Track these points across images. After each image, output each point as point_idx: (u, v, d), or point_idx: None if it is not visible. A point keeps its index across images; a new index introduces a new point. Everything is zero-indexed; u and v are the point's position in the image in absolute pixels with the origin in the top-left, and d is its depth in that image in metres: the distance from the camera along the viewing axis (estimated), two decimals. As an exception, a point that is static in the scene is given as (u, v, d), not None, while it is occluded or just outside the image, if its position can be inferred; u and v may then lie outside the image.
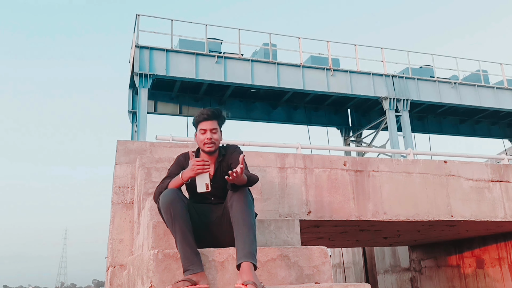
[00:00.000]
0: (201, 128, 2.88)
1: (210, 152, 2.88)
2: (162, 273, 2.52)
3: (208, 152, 2.87)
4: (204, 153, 2.92)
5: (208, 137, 2.85)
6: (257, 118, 14.99)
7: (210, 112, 2.88)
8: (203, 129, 2.87)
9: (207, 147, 2.85)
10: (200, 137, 2.88)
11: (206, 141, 2.85)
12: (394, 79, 14.32)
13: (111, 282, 4.52)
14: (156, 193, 2.82)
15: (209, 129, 2.86)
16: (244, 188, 2.68)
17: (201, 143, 2.87)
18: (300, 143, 6.43)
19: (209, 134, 2.85)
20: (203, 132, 2.87)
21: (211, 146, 2.85)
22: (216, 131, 2.88)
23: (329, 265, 2.89)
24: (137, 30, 12.10)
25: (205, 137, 2.85)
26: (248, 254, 2.46)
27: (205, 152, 2.89)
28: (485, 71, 15.90)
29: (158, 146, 5.28)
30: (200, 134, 2.88)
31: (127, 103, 13.50)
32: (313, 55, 13.91)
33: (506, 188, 6.36)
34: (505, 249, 8.54)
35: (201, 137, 2.87)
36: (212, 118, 2.87)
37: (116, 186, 5.00)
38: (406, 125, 13.84)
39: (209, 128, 2.86)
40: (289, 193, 5.24)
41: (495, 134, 17.82)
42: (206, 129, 2.86)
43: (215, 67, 12.58)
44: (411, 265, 11.10)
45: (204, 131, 2.86)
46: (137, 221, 4.23)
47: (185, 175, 2.70)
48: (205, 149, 2.86)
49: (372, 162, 5.79)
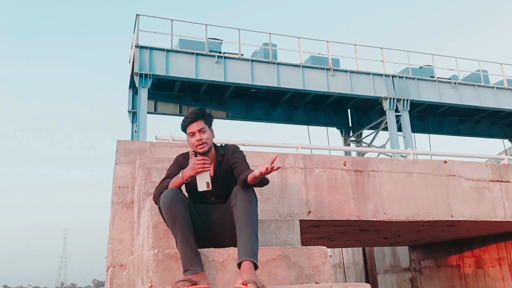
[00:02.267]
0: (189, 132, 2.86)
1: (204, 153, 2.86)
2: (162, 273, 2.52)
3: (203, 153, 2.85)
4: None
5: (197, 138, 2.83)
6: (257, 118, 14.99)
7: (193, 114, 2.86)
8: (191, 132, 2.85)
9: (200, 149, 2.83)
10: (191, 141, 2.86)
11: (197, 143, 2.83)
12: (394, 79, 14.32)
13: (111, 282, 4.52)
14: (156, 193, 2.82)
15: (196, 131, 2.84)
16: (249, 187, 2.68)
17: (193, 146, 2.86)
18: (300, 143, 6.43)
19: (198, 135, 2.83)
20: (192, 135, 2.85)
21: (203, 147, 2.84)
22: (205, 131, 2.86)
23: (329, 265, 2.89)
24: (137, 30, 12.10)
25: (195, 140, 2.84)
26: (250, 253, 2.46)
27: (199, 153, 2.87)
28: (485, 71, 15.91)
29: (158, 146, 5.27)
30: (190, 138, 2.87)
31: (127, 103, 13.50)
32: (313, 55, 13.91)
33: (506, 188, 6.36)
34: (505, 249, 8.54)
35: (191, 140, 2.86)
36: (197, 119, 2.85)
37: (116, 186, 4.99)
38: (406, 125, 13.84)
39: (197, 130, 2.84)
40: (289, 193, 5.24)
41: (495, 134, 17.82)
42: (194, 132, 2.84)
43: (215, 67, 12.58)
44: (411, 265, 11.10)
45: (192, 134, 2.85)
46: (137, 221, 4.23)
47: (186, 174, 2.70)
48: (198, 151, 2.84)
49: (372, 162, 5.78)
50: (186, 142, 5.53)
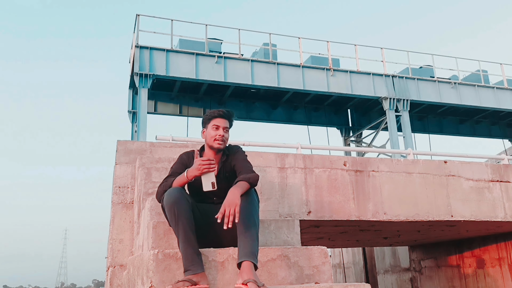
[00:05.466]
0: (214, 124, 2.86)
1: (219, 150, 2.87)
2: (162, 273, 2.52)
3: (217, 149, 2.86)
4: (209, 151, 2.90)
5: (220, 133, 2.84)
6: (257, 118, 14.99)
7: (226, 111, 2.90)
8: (217, 125, 2.86)
9: (217, 144, 2.84)
10: (211, 133, 2.85)
11: (217, 137, 2.83)
12: (394, 79, 14.32)
13: (111, 282, 4.52)
14: (159, 191, 2.80)
15: (222, 127, 2.86)
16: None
17: (211, 138, 2.85)
18: (300, 143, 6.42)
19: (222, 131, 2.85)
20: (216, 128, 2.85)
21: (221, 143, 2.85)
22: (227, 131, 2.89)
23: (329, 265, 2.89)
24: (137, 30, 12.11)
25: (217, 133, 2.84)
26: (249, 253, 2.46)
27: (213, 148, 2.86)
28: (485, 71, 15.91)
29: (158, 146, 5.28)
30: (211, 130, 2.86)
31: (127, 103, 13.51)
32: (313, 55, 13.91)
33: (506, 188, 6.36)
34: (505, 249, 8.54)
35: (212, 132, 2.85)
36: (226, 117, 2.89)
37: (116, 186, 5.00)
38: (406, 125, 13.84)
39: (223, 126, 2.86)
40: (289, 193, 5.24)
41: (495, 134, 17.82)
42: (219, 126, 2.86)
43: (215, 67, 12.58)
44: (411, 265, 11.10)
45: (217, 127, 2.85)
46: (137, 221, 4.23)
47: (191, 174, 2.69)
48: (214, 145, 2.84)
49: (372, 162, 5.78)
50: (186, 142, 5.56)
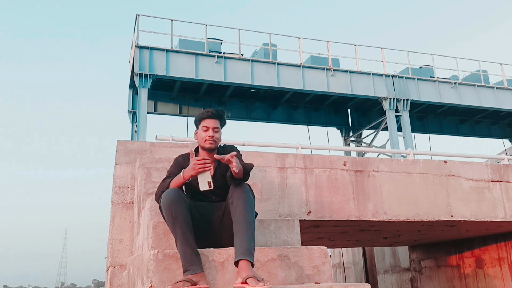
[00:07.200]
0: (204, 125, 2.90)
1: (210, 150, 2.89)
2: (162, 273, 2.52)
3: (208, 150, 2.89)
4: (203, 151, 2.93)
5: (210, 134, 2.87)
6: (257, 118, 14.98)
7: (215, 111, 2.92)
8: (206, 126, 2.90)
9: (208, 144, 2.87)
10: (202, 134, 2.90)
11: (207, 138, 2.87)
12: (394, 79, 14.32)
13: (111, 282, 4.52)
14: (157, 193, 2.84)
15: (211, 127, 2.89)
16: (245, 185, 2.71)
17: (202, 140, 2.89)
18: (300, 143, 6.42)
19: (211, 132, 2.88)
20: (206, 129, 2.89)
21: (212, 143, 2.88)
22: (218, 131, 2.92)
23: (329, 265, 2.89)
24: (137, 30, 12.10)
25: (206, 134, 2.88)
26: (245, 251, 2.47)
27: (205, 148, 2.90)
28: (485, 71, 15.90)
29: (158, 146, 5.28)
30: (202, 131, 2.90)
31: (127, 103, 13.51)
32: (313, 55, 13.90)
33: (506, 188, 6.36)
34: (505, 249, 8.54)
35: (202, 134, 2.90)
36: (215, 117, 2.91)
37: (116, 186, 5.00)
38: (406, 125, 13.84)
39: (212, 126, 2.89)
40: (289, 193, 5.24)
41: (495, 134, 17.81)
42: (208, 127, 2.89)
43: (215, 67, 12.58)
44: (411, 265, 11.10)
45: (206, 128, 2.89)
46: (137, 221, 4.23)
47: (186, 174, 2.72)
48: (205, 145, 2.88)
49: (372, 162, 5.79)
50: (186, 142, 5.57)
